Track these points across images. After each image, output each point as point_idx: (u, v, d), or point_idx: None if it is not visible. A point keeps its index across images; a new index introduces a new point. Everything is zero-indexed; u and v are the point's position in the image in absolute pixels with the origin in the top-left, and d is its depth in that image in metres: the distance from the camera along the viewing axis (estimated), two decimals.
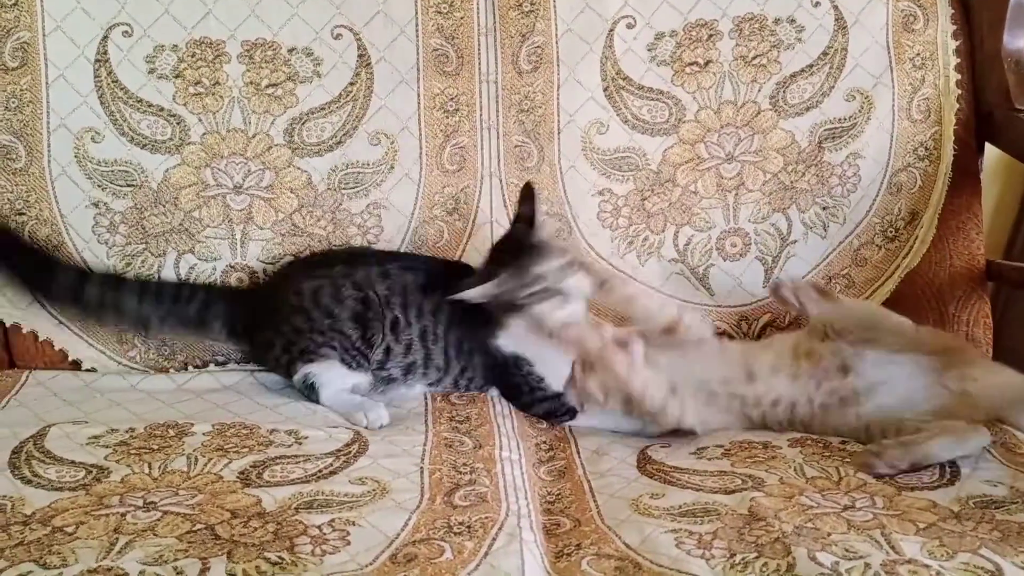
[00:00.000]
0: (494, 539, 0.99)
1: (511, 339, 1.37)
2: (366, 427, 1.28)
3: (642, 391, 1.26)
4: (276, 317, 1.38)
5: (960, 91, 1.55)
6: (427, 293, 1.37)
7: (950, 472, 1.17)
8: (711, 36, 1.54)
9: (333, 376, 1.35)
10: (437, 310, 1.37)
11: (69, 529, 0.97)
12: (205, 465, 1.13)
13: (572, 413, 1.36)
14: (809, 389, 1.28)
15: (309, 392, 1.36)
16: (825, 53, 1.54)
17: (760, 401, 1.30)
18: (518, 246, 1.33)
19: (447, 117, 1.52)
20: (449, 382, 1.40)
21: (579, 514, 1.09)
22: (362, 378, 1.37)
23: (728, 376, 1.32)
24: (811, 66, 1.54)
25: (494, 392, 1.41)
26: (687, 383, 1.30)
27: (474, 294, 1.30)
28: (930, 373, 1.25)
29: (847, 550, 0.96)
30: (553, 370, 1.36)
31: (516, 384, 1.38)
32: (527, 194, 1.37)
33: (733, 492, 1.11)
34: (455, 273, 1.39)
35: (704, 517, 1.04)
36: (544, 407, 1.37)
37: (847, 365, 1.28)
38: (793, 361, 1.31)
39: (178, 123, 1.47)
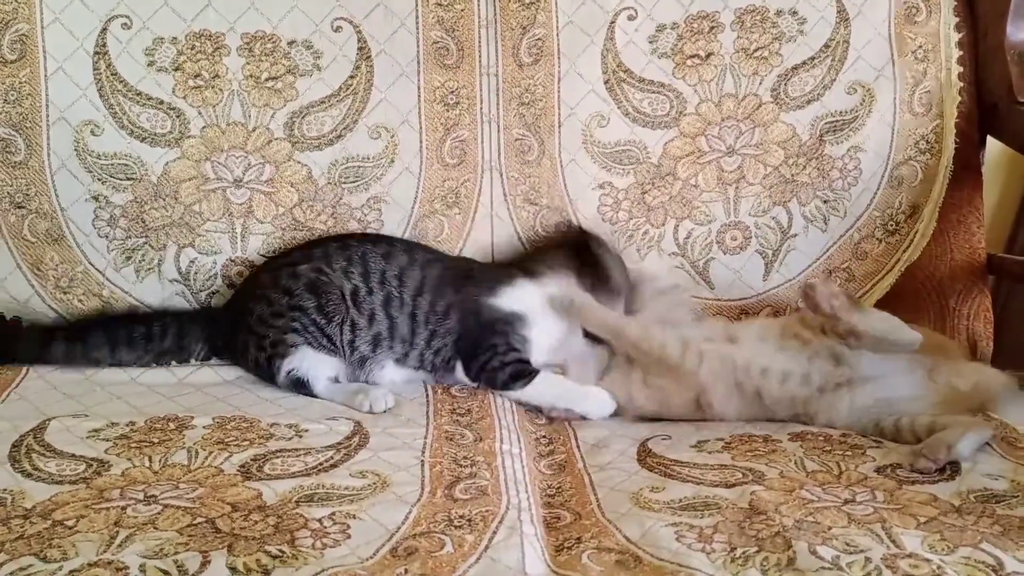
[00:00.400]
0: (494, 532, 0.99)
1: (514, 298, 1.39)
2: (370, 411, 1.29)
3: (660, 347, 1.32)
4: (244, 315, 1.39)
5: (962, 84, 1.55)
6: (389, 260, 1.38)
7: (951, 466, 1.17)
8: (712, 28, 1.54)
9: (313, 364, 1.35)
10: (402, 275, 1.38)
11: (69, 523, 0.97)
12: (205, 458, 1.13)
13: (533, 375, 1.36)
14: (801, 364, 1.29)
15: (300, 388, 1.36)
16: (827, 45, 1.54)
17: (749, 368, 1.30)
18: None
19: (447, 110, 1.51)
20: (415, 356, 1.39)
21: (579, 508, 1.09)
22: (339, 365, 1.37)
23: (710, 336, 1.35)
24: (813, 59, 1.54)
25: (460, 373, 1.40)
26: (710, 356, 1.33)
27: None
28: (921, 369, 1.27)
29: (848, 544, 0.96)
30: (544, 334, 1.39)
31: (492, 344, 1.37)
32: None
33: (733, 486, 1.11)
34: (423, 248, 1.45)
35: (704, 511, 1.04)
36: (513, 369, 1.36)
37: (839, 357, 1.29)
38: (780, 338, 1.32)
39: (178, 116, 1.47)
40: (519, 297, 1.39)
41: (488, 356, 1.37)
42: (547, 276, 1.41)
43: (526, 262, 1.46)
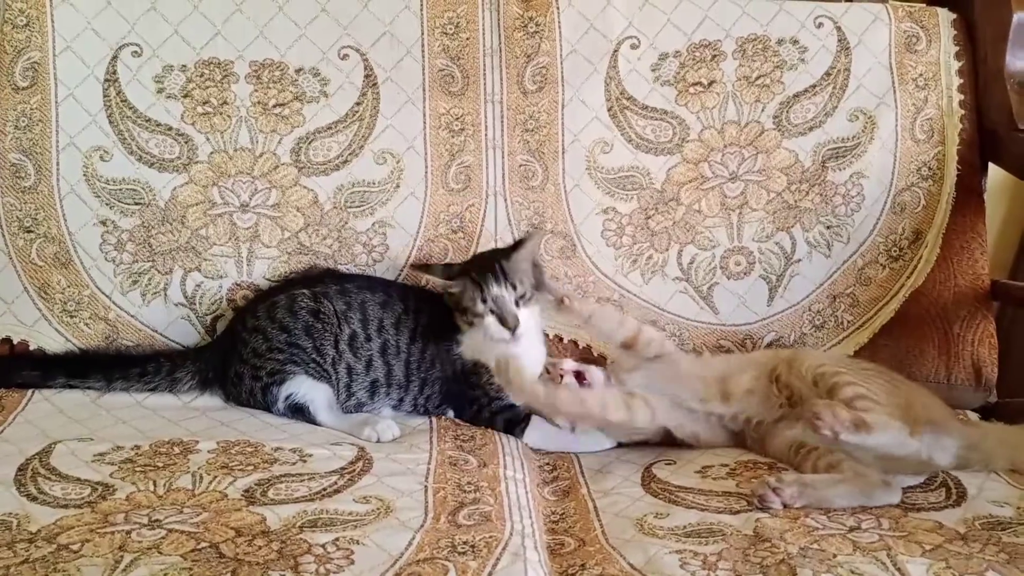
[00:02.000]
0: (498, 559, 0.98)
1: (470, 345, 1.38)
2: (376, 441, 1.29)
3: (601, 412, 1.28)
4: (237, 347, 1.39)
5: (963, 111, 1.56)
6: (386, 309, 1.39)
7: (956, 493, 1.16)
8: (714, 56, 1.56)
9: (311, 389, 1.35)
10: (399, 323, 1.39)
11: (74, 547, 0.97)
12: (210, 483, 1.13)
13: (527, 420, 1.35)
14: (770, 409, 1.29)
15: (299, 414, 1.35)
16: (828, 73, 1.55)
17: (737, 419, 1.31)
18: (492, 260, 1.37)
19: (452, 136, 1.53)
20: (409, 401, 1.40)
21: (583, 534, 1.09)
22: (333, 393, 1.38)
23: (705, 397, 1.32)
24: (814, 86, 1.55)
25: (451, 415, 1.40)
26: (663, 400, 1.32)
27: (432, 276, 1.41)
28: (905, 438, 1.20)
29: (853, 572, 0.95)
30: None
31: (475, 397, 1.37)
32: (522, 240, 1.41)
33: (738, 512, 1.10)
34: (416, 295, 1.44)
35: (709, 538, 1.04)
36: (504, 417, 1.36)
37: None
38: (767, 383, 1.31)
39: (186, 142, 1.48)
40: (472, 345, 1.38)
41: (476, 408, 1.38)
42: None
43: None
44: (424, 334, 1.39)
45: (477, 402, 1.37)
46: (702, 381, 1.34)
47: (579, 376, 1.37)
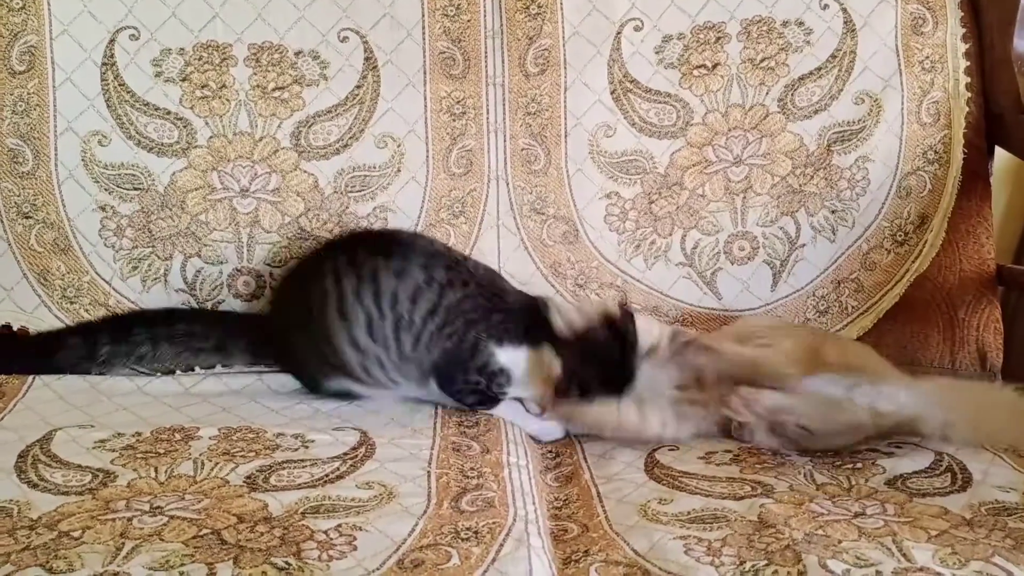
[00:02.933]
0: (501, 545, 0.98)
1: (510, 357, 1.31)
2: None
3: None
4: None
5: (970, 94, 1.55)
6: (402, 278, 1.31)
7: (962, 478, 1.16)
8: (719, 39, 1.54)
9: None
10: (416, 297, 1.30)
11: (75, 534, 0.96)
12: (211, 469, 1.13)
13: (495, 401, 1.34)
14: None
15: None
16: (834, 56, 1.54)
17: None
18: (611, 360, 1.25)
19: (454, 120, 1.51)
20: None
21: (587, 519, 1.09)
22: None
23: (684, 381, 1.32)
24: (819, 69, 1.54)
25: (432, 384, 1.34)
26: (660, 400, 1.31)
27: (563, 327, 1.27)
28: (839, 389, 1.24)
29: (858, 558, 0.95)
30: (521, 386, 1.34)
31: (476, 382, 1.31)
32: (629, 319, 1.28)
33: (742, 498, 1.10)
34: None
35: (713, 523, 1.04)
36: (480, 398, 1.33)
37: None
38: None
39: (185, 126, 1.47)
40: (515, 360, 1.32)
41: (459, 388, 1.33)
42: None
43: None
44: (451, 308, 1.30)
45: (473, 384, 1.32)
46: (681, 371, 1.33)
47: None
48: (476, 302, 1.32)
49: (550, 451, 1.30)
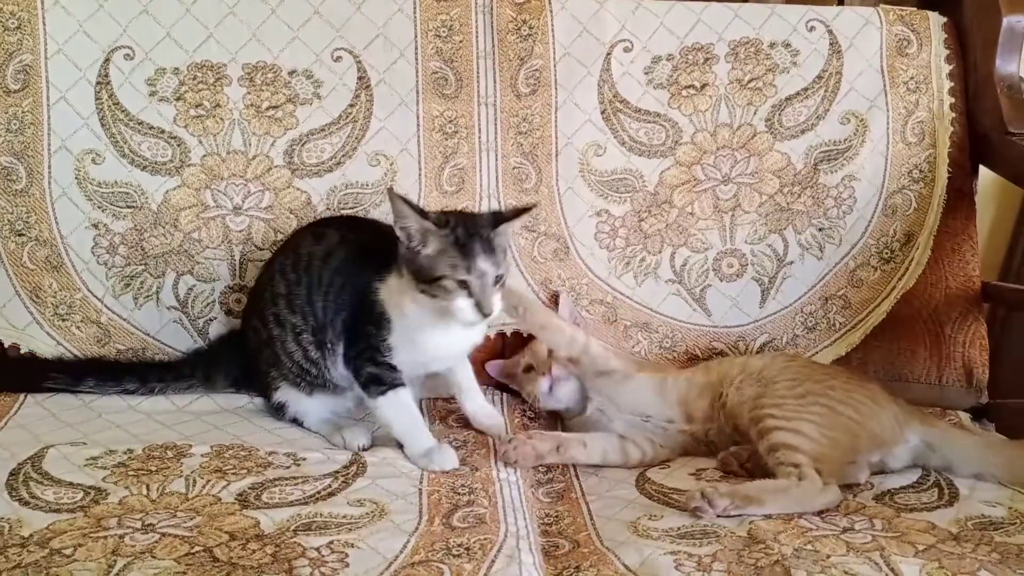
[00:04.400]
0: (493, 561, 0.98)
1: (390, 296, 1.24)
2: (345, 448, 1.27)
3: (603, 459, 1.32)
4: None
5: (954, 114, 1.57)
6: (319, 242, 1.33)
7: (948, 493, 1.17)
8: (707, 60, 1.56)
9: (296, 400, 1.35)
10: (327, 257, 1.31)
11: (67, 551, 0.97)
12: (203, 487, 1.13)
13: (391, 388, 1.25)
14: (725, 439, 1.32)
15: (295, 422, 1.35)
16: (820, 77, 1.56)
17: (708, 434, 1.34)
18: (476, 225, 1.21)
19: (446, 139, 1.53)
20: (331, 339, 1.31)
21: (577, 535, 1.09)
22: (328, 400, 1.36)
23: (670, 417, 1.35)
24: (806, 89, 1.56)
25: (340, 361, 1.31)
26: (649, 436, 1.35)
27: (409, 209, 1.17)
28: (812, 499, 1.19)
29: (846, 572, 0.96)
30: (407, 348, 1.25)
31: (367, 335, 1.25)
32: (523, 209, 1.31)
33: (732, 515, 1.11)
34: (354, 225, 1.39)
35: (703, 539, 1.04)
36: (373, 372, 1.25)
37: None
38: (717, 413, 1.33)
39: (178, 145, 1.48)
40: (396, 300, 1.24)
41: (360, 349, 1.26)
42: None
43: None
44: (347, 266, 1.28)
45: (366, 343, 1.25)
46: (665, 404, 1.36)
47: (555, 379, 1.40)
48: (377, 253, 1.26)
49: (541, 467, 1.30)
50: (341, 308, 1.29)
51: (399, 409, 1.27)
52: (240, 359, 1.41)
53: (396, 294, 1.24)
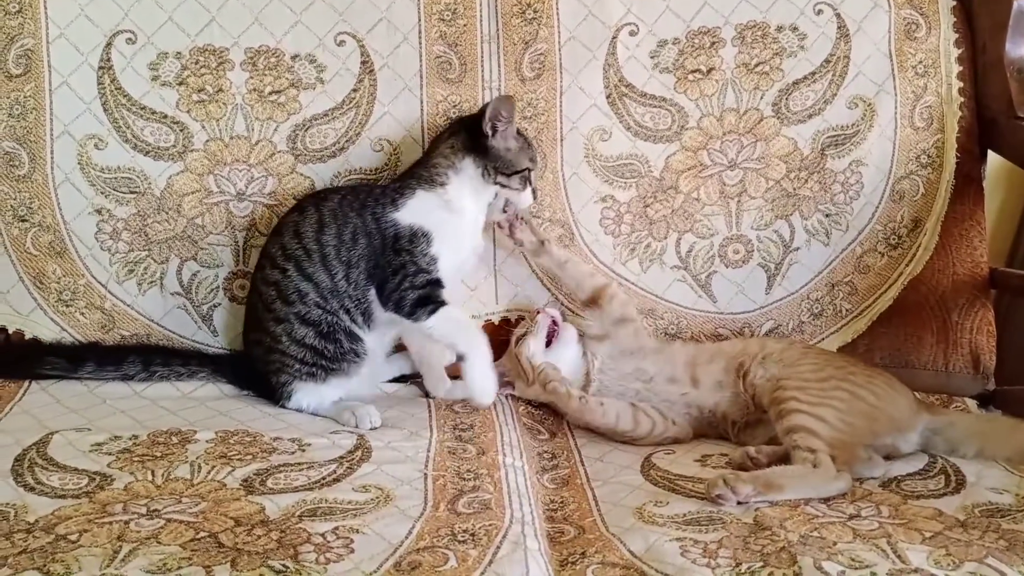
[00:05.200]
0: (498, 547, 0.98)
1: (412, 212, 1.34)
2: (357, 428, 1.30)
3: (615, 423, 1.33)
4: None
5: (962, 99, 1.56)
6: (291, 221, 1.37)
7: (955, 480, 1.17)
8: (714, 43, 1.55)
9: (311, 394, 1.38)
10: (298, 228, 1.35)
11: (72, 537, 0.97)
12: (208, 473, 1.13)
13: (440, 306, 1.31)
14: (740, 405, 1.33)
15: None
16: (827, 61, 1.54)
17: (714, 414, 1.35)
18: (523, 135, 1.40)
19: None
20: (349, 303, 1.34)
21: (582, 522, 1.09)
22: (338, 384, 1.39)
23: (672, 376, 1.37)
24: (813, 73, 1.55)
25: (377, 307, 1.34)
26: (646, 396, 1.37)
27: (514, 114, 1.37)
28: (828, 484, 1.20)
29: (853, 559, 0.95)
30: (452, 250, 1.34)
31: (402, 265, 1.31)
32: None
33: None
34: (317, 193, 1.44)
35: (709, 526, 1.04)
36: (417, 294, 1.31)
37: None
38: (735, 377, 1.35)
39: (181, 130, 1.47)
40: (418, 208, 1.34)
41: (399, 279, 1.32)
42: (442, 177, 1.36)
43: (420, 167, 1.40)
44: (335, 214, 1.34)
45: (403, 271, 1.32)
46: (670, 363, 1.39)
47: (551, 330, 1.43)
48: (371, 192, 1.38)
49: (547, 452, 1.30)
50: (357, 261, 1.33)
51: (456, 323, 1.33)
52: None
53: (435, 207, 1.35)
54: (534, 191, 1.41)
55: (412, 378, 1.51)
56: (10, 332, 1.46)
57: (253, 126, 1.48)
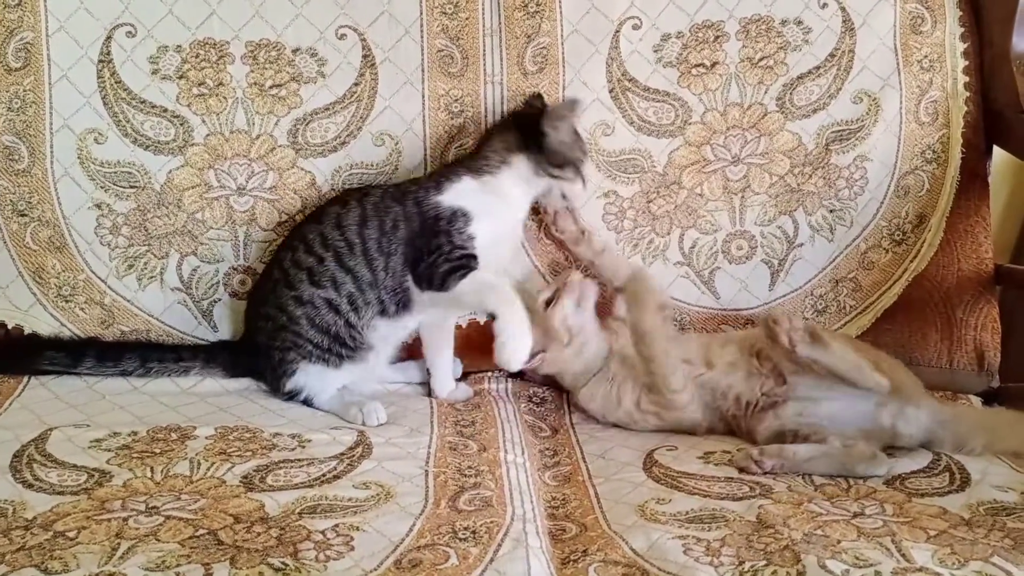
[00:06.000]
0: (499, 545, 0.98)
1: (455, 194, 1.35)
2: (363, 424, 1.29)
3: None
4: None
5: (968, 93, 1.54)
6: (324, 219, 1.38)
7: (960, 478, 1.16)
8: (717, 37, 1.53)
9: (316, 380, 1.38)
10: (340, 221, 1.36)
11: (71, 534, 0.96)
12: (208, 469, 1.12)
13: (470, 271, 1.32)
14: (753, 387, 1.32)
15: (304, 403, 1.38)
16: (832, 55, 1.53)
17: (727, 396, 1.33)
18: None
19: (452, 118, 1.51)
20: (385, 294, 1.35)
21: (584, 519, 1.09)
22: (345, 372, 1.39)
23: (688, 357, 1.36)
24: (818, 68, 1.53)
25: (413, 289, 1.35)
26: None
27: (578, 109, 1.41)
28: (868, 403, 1.25)
29: (857, 558, 0.95)
30: (491, 231, 1.35)
31: (439, 246, 1.33)
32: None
33: (741, 499, 1.10)
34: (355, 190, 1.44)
35: (712, 523, 1.04)
36: (450, 265, 1.32)
37: (786, 378, 1.30)
38: (748, 359, 1.34)
39: (181, 124, 1.46)
40: (461, 191, 1.36)
41: (433, 258, 1.33)
42: (491, 168, 1.38)
43: (470, 159, 1.42)
44: (377, 207, 1.36)
45: (439, 249, 1.33)
46: (685, 346, 1.39)
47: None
48: (415, 182, 1.41)
49: (548, 449, 1.30)
50: (396, 247, 1.34)
51: (487, 284, 1.32)
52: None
53: (479, 191, 1.36)
54: (584, 180, 1.41)
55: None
56: (9, 327, 1.45)
57: (254, 120, 1.48)
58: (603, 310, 1.47)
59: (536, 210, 1.51)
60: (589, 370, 1.40)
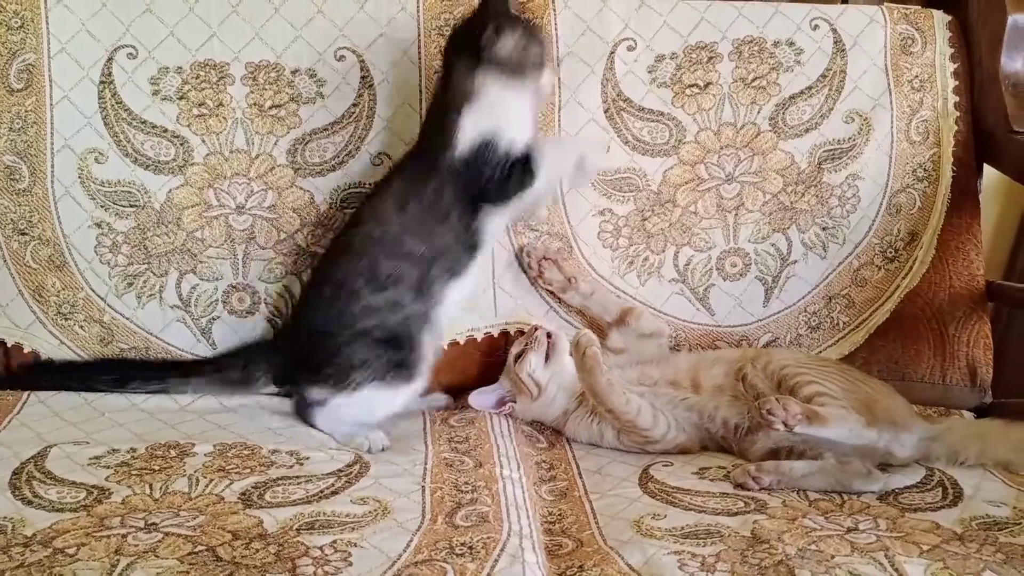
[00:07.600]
0: (496, 560, 0.98)
1: (480, 113, 1.35)
2: (369, 452, 1.28)
3: (635, 417, 1.32)
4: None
5: (958, 113, 1.57)
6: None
7: (953, 493, 1.17)
8: (711, 58, 1.56)
9: None
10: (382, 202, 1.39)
11: (70, 551, 0.97)
12: (206, 486, 1.13)
13: (530, 179, 1.36)
14: (741, 412, 1.33)
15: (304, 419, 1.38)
16: (824, 75, 1.56)
17: (714, 420, 1.34)
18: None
19: None
20: (458, 252, 1.38)
21: (581, 534, 1.09)
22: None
23: (675, 380, 1.38)
24: (810, 88, 1.56)
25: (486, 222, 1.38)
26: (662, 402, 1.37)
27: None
28: (861, 430, 1.25)
29: (851, 573, 0.96)
30: (519, 126, 1.37)
31: (490, 173, 1.35)
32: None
33: (736, 514, 1.11)
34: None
35: (707, 539, 1.04)
36: (511, 170, 1.35)
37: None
38: (733, 382, 1.36)
39: (181, 144, 1.48)
40: (486, 115, 1.36)
41: (497, 185, 1.35)
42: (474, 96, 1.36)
43: (445, 102, 1.40)
44: (413, 179, 1.38)
45: (491, 175, 1.35)
46: (673, 368, 1.41)
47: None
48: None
49: (544, 463, 1.30)
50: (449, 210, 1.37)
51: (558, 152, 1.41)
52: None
53: (482, 119, 1.35)
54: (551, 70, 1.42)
55: None
56: (9, 345, 1.46)
57: (253, 140, 1.49)
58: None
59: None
60: (567, 411, 1.40)
